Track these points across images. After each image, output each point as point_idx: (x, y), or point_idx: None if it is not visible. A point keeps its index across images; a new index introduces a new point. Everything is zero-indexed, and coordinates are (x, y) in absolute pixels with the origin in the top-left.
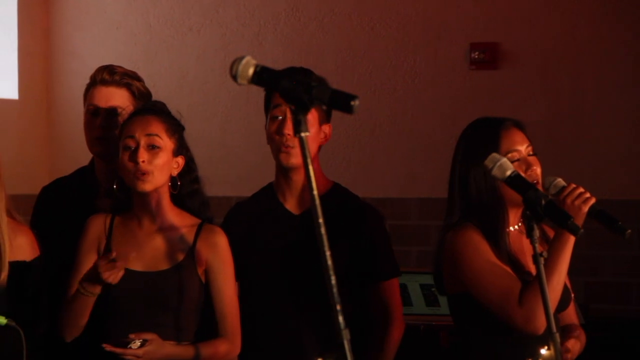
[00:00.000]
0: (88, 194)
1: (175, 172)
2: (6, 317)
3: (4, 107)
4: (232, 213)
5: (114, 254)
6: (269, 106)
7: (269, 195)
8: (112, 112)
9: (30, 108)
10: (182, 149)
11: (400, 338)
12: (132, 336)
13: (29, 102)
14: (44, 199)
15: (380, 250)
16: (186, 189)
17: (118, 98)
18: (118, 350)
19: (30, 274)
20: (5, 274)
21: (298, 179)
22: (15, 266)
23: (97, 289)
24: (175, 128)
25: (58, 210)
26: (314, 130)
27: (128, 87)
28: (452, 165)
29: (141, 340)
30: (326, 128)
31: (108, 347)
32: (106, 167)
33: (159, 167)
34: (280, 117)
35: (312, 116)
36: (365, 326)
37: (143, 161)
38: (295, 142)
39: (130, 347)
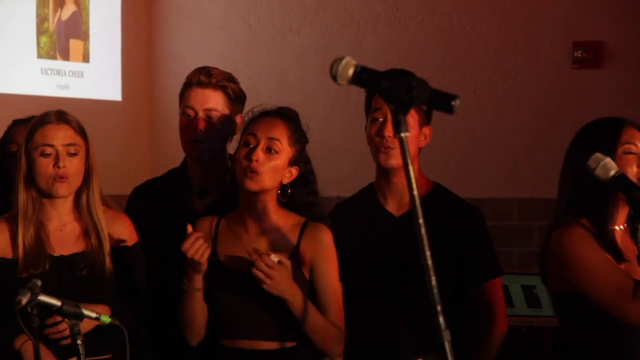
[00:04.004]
0: (180, 194)
1: (286, 180)
2: (110, 316)
3: (107, 108)
4: (333, 214)
5: (189, 229)
6: (369, 108)
7: (369, 196)
8: (209, 115)
9: (133, 109)
10: (299, 160)
11: (502, 337)
12: (270, 252)
13: (132, 104)
14: (137, 199)
15: (483, 250)
16: (300, 199)
17: (214, 100)
18: (258, 252)
19: (132, 258)
20: (109, 261)
21: (398, 180)
22: (118, 251)
23: (197, 282)
24: (299, 138)
25: (151, 210)
26: (414, 132)
27: (224, 89)
28: (565, 163)
29: (279, 260)
30: (426, 130)
31: (252, 250)
32: (201, 168)
33: (270, 170)
34: (381, 119)
35: (413, 118)
36: (468, 325)
37: (257, 160)
38: (395, 144)
39: (270, 257)
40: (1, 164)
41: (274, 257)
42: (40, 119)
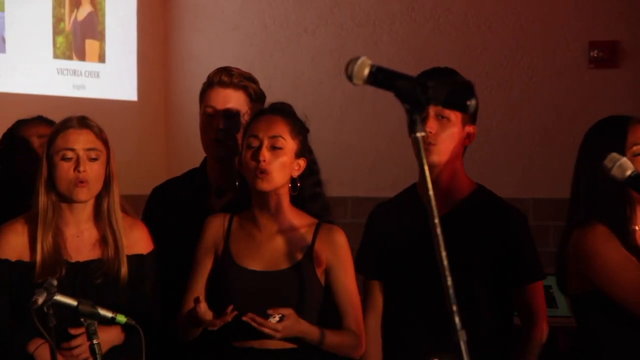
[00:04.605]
0: (200, 194)
1: (295, 174)
2: (126, 316)
3: (123, 108)
4: (376, 213)
5: (201, 305)
6: None
7: (411, 195)
8: (230, 114)
9: (149, 109)
10: (304, 151)
11: (543, 341)
12: (269, 312)
13: (148, 104)
14: (156, 199)
15: (525, 253)
16: (307, 191)
17: (235, 100)
18: (258, 319)
19: (147, 267)
20: (125, 269)
21: (440, 178)
22: (133, 259)
23: (198, 331)
24: (299, 130)
25: (170, 211)
26: (456, 129)
27: (245, 89)
28: (577, 163)
29: (280, 315)
30: (470, 129)
31: (248, 317)
32: (219, 167)
33: (279, 168)
34: (423, 116)
35: (455, 116)
36: (508, 327)
37: (264, 160)
38: (436, 140)
39: (270, 321)
40: (16, 164)
41: (275, 318)
42: (62, 123)
